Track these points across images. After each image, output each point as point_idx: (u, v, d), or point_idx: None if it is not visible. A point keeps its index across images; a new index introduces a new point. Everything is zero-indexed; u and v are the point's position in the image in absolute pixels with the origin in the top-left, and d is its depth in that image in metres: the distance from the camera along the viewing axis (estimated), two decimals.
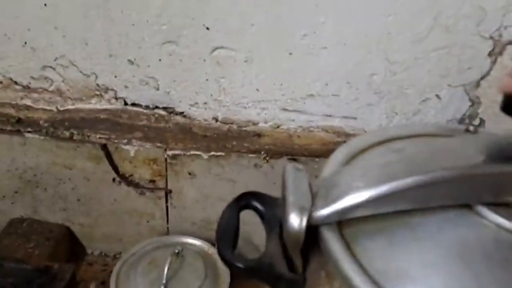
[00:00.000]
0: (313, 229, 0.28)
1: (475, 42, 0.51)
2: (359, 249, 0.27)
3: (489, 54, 0.51)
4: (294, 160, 0.57)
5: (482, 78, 0.53)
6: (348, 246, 0.27)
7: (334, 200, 0.27)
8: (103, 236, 0.65)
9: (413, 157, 0.27)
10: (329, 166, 0.33)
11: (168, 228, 0.63)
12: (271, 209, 0.33)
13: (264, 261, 0.29)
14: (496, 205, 0.26)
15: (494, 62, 0.52)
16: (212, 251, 0.59)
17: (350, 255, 0.26)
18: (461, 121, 0.56)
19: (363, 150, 0.34)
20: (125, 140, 0.57)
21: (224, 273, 0.55)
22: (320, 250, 0.28)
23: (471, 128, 0.33)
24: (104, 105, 0.59)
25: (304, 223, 0.27)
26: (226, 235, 0.31)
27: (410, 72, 0.53)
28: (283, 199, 0.29)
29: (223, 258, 0.29)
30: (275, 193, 0.35)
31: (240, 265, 0.28)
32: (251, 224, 0.38)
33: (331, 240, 0.27)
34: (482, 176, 0.26)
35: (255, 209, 0.33)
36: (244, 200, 0.33)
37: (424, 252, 0.25)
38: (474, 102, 0.55)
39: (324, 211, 0.27)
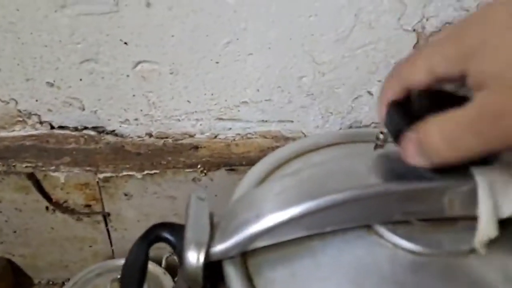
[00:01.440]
0: (216, 264, 0.27)
1: (398, 36, 0.50)
2: (262, 282, 0.26)
3: (414, 47, 0.51)
4: (233, 170, 0.56)
5: None
6: (250, 280, 0.26)
7: (232, 233, 0.26)
8: (48, 265, 0.63)
9: (307, 181, 0.26)
10: (239, 189, 0.32)
11: (113, 250, 0.61)
12: (182, 241, 0.31)
13: None
14: (395, 224, 0.26)
15: None
16: (158, 271, 0.57)
17: None
18: None
19: (276, 168, 0.33)
20: (53, 167, 0.54)
21: None
22: (225, 285, 0.27)
23: (381, 136, 0.32)
24: (29, 131, 0.56)
25: (202, 259, 0.26)
26: (132, 274, 0.29)
27: (338, 71, 0.53)
28: (183, 235, 0.28)
29: None
30: (217, 206, 0.33)
31: None
32: None
33: (231, 275, 0.26)
34: (376, 196, 0.25)
35: (167, 241, 0.32)
36: (153, 234, 0.31)
37: (324, 280, 0.25)
38: None
39: (222, 246, 0.26)
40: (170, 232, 0.32)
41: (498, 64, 0.20)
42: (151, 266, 0.58)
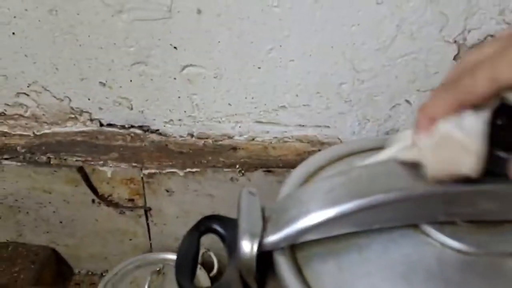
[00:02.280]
0: (267, 254, 0.29)
1: (440, 47, 0.51)
2: (311, 273, 0.28)
3: (455, 58, 0.52)
4: (270, 172, 0.58)
5: None
6: (300, 271, 0.28)
7: (284, 226, 0.28)
8: (89, 256, 0.66)
9: (356, 180, 0.28)
10: (285, 188, 0.34)
11: (151, 244, 0.63)
12: (231, 232, 0.33)
13: (220, 287, 0.29)
14: (442, 224, 0.27)
15: None
16: None
17: (301, 281, 0.27)
18: None
19: (319, 169, 0.35)
20: (102, 162, 0.57)
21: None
22: (275, 275, 0.29)
23: None
24: (80, 128, 0.60)
25: (255, 249, 0.28)
26: (185, 263, 0.31)
27: (378, 79, 0.54)
28: (237, 226, 0.30)
29: (180, 286, 0.30)
30: None
31: None
32: None
33: (283, 265, 0.28)
34: (423, 197, 0.26)
35: (216, 233, 0.34)
36: (204, 225, 0.34)
37: (370, 275, 0.26)
38: None
39: (274, 237, 0.28)
40: (220, 224, 0.34)
41: None
42: None
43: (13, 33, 0.53)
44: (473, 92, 0.23)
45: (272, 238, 0.28)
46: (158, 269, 0.54)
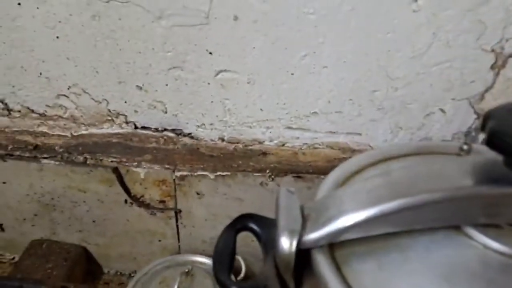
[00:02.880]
0: (305, 252, 0.29)
1: (476, 55, 0.51)
2: (350, 271, 0.28)
3: (492, 67, 0.51)
4: (300, 177, 0.58)
5: (486, 91, 0.53)
6: (339, 269, 0.28)
7: (324, 224, 0.28)
8: (118, 256, 0.67)
9: (398, 181, 0.28)
10: (322, 188, 0.34)
11: (179, 246, 0.64)
12: (267, 231, 0.34)
13: (259, 284, 0.30)
14: (485, 226, 0.26)
15: (497, 75, 0.52)
16: None
17: (340, 279, 0.27)
18: (467, 134, 0.56)
19: (356, 172, 0.35)
20: (136, 163, 0.59)
21: None
22: (313, 273, 0.29)
23: (465, 147, 0.33)
24: (115, 130, 0.62)
25: (294, 246, 0.28)
26: (222, 258, 0.32)
27: (412, 87, 0.54)
28: (276, 223, 0.30)
29: (219, 281, 0.30)
30: None
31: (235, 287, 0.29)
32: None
33: (322, 263, 0.28)
34: (467, 198, 0.26)
35: (252, 231, 0.34)
36: (240, 223, 0.34)
37: (412, 275, 0.26)
38: (479, 115, 0.54)
39: (314, 235, 0.28)
40: (256, 223, 0.34)
41: None
42: None
43: (57, 37, 0.55)
44: None
45: (311, 236, 0.28)
46: (187, 270, 0.55)
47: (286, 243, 0.28)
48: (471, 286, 0.24)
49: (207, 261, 0.61)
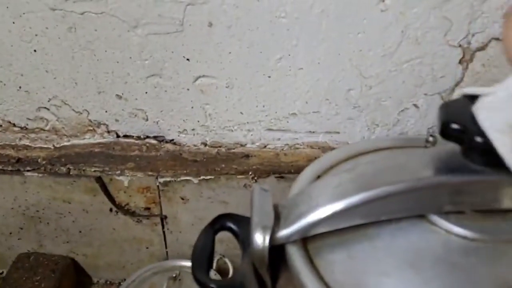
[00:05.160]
0: (279, 247, 0.30)
1: (445, 51, 0.52)
2: (322, 263, 0.29)
3: (460, 62, 0.53)
4: (282, 177, 0.59)
5: (456, 85, 0.55)
6: (311, 261, 0.29)
7: (294, 220, 0.29)
8: (107, 265, 0.68)
9: (364, 175, 0.29)
10: (295, 186, 0.35)
11: (167, 252, 0.65)
12: (244, 229, 0.35)
13: (236, 280, 0.30)
14: (448, 213, 0.28)
15: (465, 69, 0.54)
16: (210, 272, 0.60)
17: (312, 270, 0.28)
18: None
19: (328, 169, 0.36)
20: (119, 171, 0.59)
21: None
22: (287, 266, 0.30)
23: (431, 139, 0.35)
24: (97, 139, 0.62)
25: (267, 241, 0.29)
26: (201, 258, 0.33)
27: (385, 84, 0.55)
28: (250, 220, 0.31)
29: (197, 280, 0.31)
30: None
31: (213, 285, 0.30)
32: None
33: (294, 256, 0.29)
34: (428, 188, 0.27)
35: (230, 230, 0.35)
36: (218, 223, 0.35)
37: (379, 262, 0.27)
38: None
39: (286, 231, 0.29)
40: (233, 222, 0.35)
41: None
42: None
43: (35, 50, 0.56)
44: None
45: (283, 232, 0.29)
46: (174, 275, 0.55)
47: (260, 239, 0.29)
48: (435, 270, 0.25)
49: None
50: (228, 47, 0.54)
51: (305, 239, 0.30)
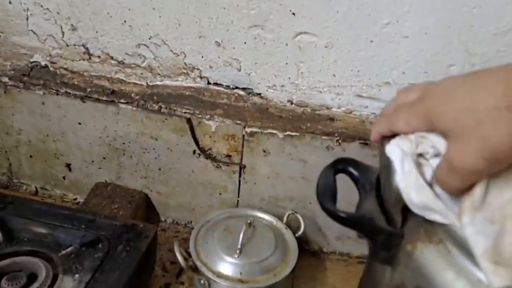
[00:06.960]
0: None
1: None
2: None
3: None
4: (366, 144, 0.59)
5: None
6: None
7: None
8: (177, 205, 0.70)
9: None
10: None
11: (238, 201, 0.67)
12: (365, 175, 0.36)
13: (365, 215, 0.32)
14: None
15: None
16: (280, 225, 0.62)
17: None
18: None
19: None
20: (208, 116, 0.61)
21: (293, 246, 0.59)
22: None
23: None
24: (189, 83, 0.64)
25: None
26: (326, 192, 0.34)
27: (489, 64, 0.54)
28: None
29: (326, 210, 0.32)
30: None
31: (343, 215, 0.31)
32: None
33: None
34: None
35: (350, 174, 0.36)
36: (340, 165, 0.36)
37: None
38: None
39: None
40: (353, 167, 0.36)
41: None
42: (275, 221, 0.63)
43: None
44: (396, 128, 0.31)
45: None
46: (249, 221, 0.57)
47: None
48: None
49: (267, 216, 0.63)
50: (337, 6, 0.54)
51: None
